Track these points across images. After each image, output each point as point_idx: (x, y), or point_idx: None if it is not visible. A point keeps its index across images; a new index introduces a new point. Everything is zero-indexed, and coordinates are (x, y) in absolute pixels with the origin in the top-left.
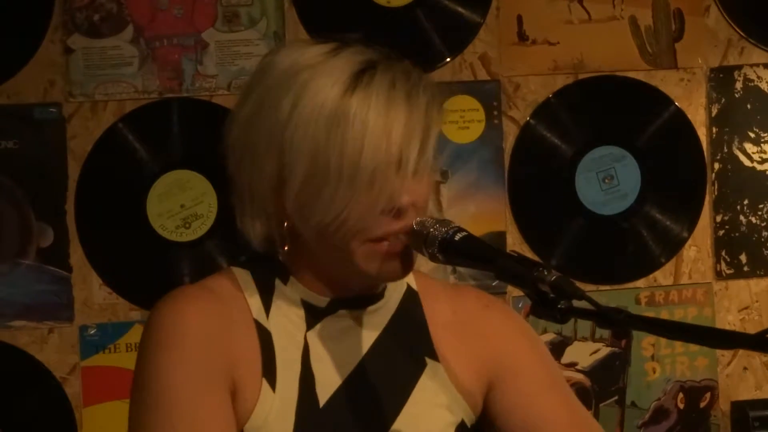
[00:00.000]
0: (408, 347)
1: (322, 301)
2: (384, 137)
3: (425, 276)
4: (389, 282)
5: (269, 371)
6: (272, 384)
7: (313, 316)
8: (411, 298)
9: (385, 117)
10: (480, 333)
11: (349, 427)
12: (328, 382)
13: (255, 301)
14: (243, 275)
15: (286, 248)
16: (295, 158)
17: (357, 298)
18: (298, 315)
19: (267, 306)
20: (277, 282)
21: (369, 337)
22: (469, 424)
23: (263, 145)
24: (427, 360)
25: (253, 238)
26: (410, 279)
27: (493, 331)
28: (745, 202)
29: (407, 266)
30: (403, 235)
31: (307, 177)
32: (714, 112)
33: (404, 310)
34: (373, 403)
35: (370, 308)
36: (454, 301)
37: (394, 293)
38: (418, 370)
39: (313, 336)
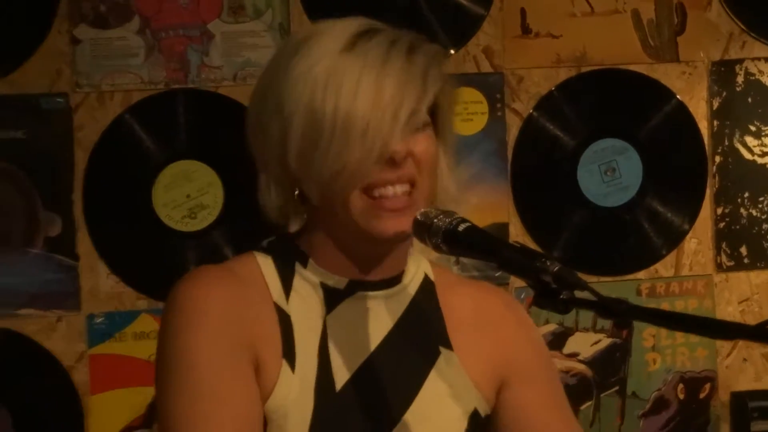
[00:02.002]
0: (423, 335)
1: (340, 282)
2: (377, 89)
3: (442, 268)
4: (382, 240)
5: (289, 353)
6: (291, 365)
7: (332, 298)
8: (427, 288)
9: (380, 69)
10: (497, 334)
11: (365, 410)
12: (344, 366)
13: (275, 285)
14: (264, 259)
15: (305, 216)
16: (294, 115)
17: (374, 282)
18: (318, 298)
19: (287, 290)
20: (297, 266)
21: (386, 323)
22: (482, 414)
23: (270, 109)
24: (441, 349)
25: (270, 211)
26: (427, 269)
27: (509, 335)
28: (746, 194)
29: (401, 224)
30: (401, 191)
31: (305, 130)
32: (715, 105)
33: (420, 299)
34: (388, 389)
35: (388, 292)
36: (478, 297)
37: (412, 282)
38: (432, 358)
39: (331, 319)
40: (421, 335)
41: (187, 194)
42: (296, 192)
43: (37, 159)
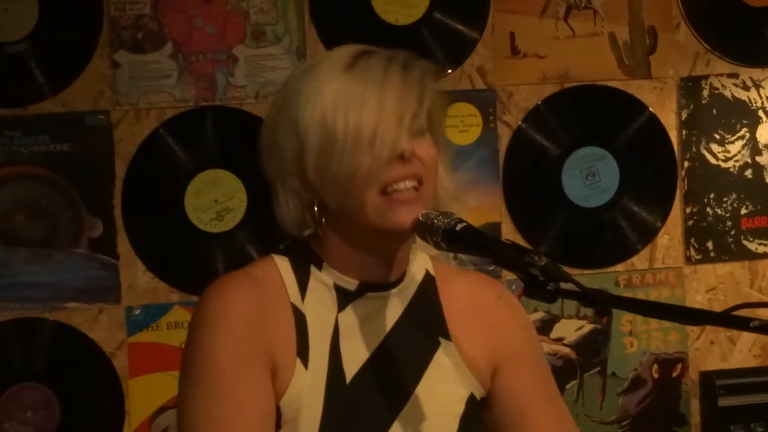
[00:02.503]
0: (425, 327)
1: (351, 284)
2: (380, 100)
3: (442, 263)
4: (398, 231)
5: (302, 350)
6: (305, 362)
7: (344, 299)
8: (429, 282)
9: (382, 83)
10: (490, 322)
11: (372, 400)
12: (354, 360)
13: (292, 286)
14: (282, 262)
15: (322, 229)
16: (309, 132)
17: (383, 284)
18: (331, 298)
19: (303, 290)
20: (312, 268)
21: (391, 318)
22: (479, 397)
23: (284, 130)
24: (441, 339)
25: (288, 223)
26: (428, 265)
27: (502, 322)
28: (712, 195)
29: (411, 212)
30: (410, 185)
31: (321, 144)
32: (684, 116)
33: (422, 293)
34: (393, 378)
35: (393, 291)
36: (470, 288)
37: (414, 277)
38: (433, 348)
39: (343, 317)
40: (423, 327)
41: (215, 199)
42: (315, 202)
43: (82, 169)
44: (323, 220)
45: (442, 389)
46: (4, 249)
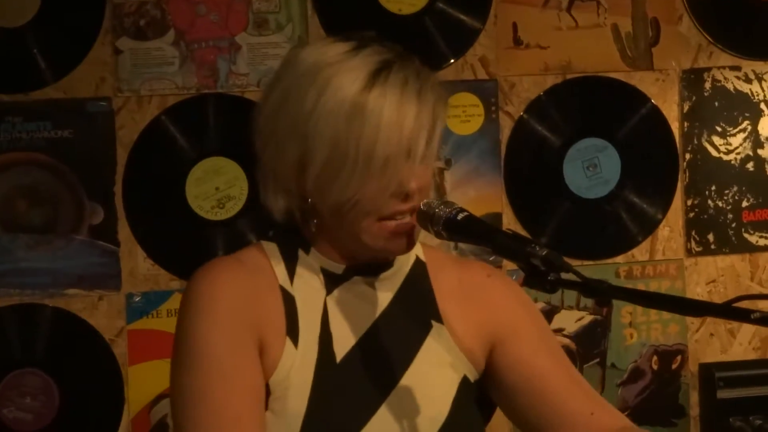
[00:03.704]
0: (416, 311)
1: (338, 268)
2: (396, 129)
3: (433, 248)
4: (394, 256)
5: (292, 330)
6: (295, 342)
7: (332, 282)
8: (419, 268)
9: (398, 112)
10: (483, 300)
11: (362, 381)
12: (344, 341)
13: (281, 270)
14: (270, 247)
15: (315, 221)
16: (317, 145)
17: (369, 266)
18: (319, 281)
19: (291, 274)
20: (300, 252)
21: (381, 301)
22: (472, 380)
23: (287, 132)
24: (433, 323)
25: (276, 212)
26: (419, 251)
27: (496, 298)
28: (713, 188)
29: (410, 244)
30: (409, 216)
31: (327, 162)
32: (685, 108)
33: (413, 278)
34: (384, 360)
35: (382, 276)
36: (461, 271)
37: (404, 263)
38: (425, 331)
39: (331, 300)
40: (415, 310)
41: (216, 187)
42: (309, 201)
43: (83, 156)
44: (313, 220)
45: (434, 372)
46: (4, 235)
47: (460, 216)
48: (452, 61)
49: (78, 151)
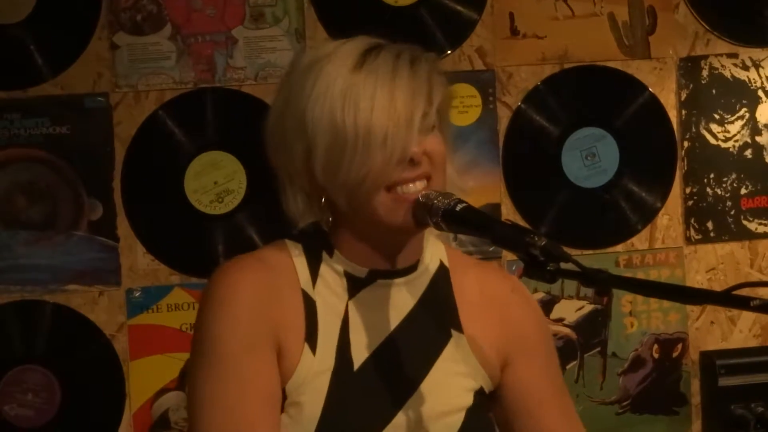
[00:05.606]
0: (436, 319)
1: (361, 271)
2: (390, 100)
3: (457, 252)
4: (409, 232)
5: (311, 337)
6: (313, 349)
7: (354, 286)
8: (442, 273)
9: (391, 83)
10: (503, 315)
11: (379, 389)
12: (362, 348)
13: (303, 272)
14: (294, 248)
15: (330, 219)
16: (318, 132)
17: (393, 271)
18: (341, 285)
19: (314, 277)
20: (324, 255)
21: (403, 307)
22: (487, 391)
23: (292, 131)
24: (453, 331)
25: (296, 217)
26: (443, 256)
27: (516, 316)
28: (711, 175)
29: (423, 217)
30: (420, 186)
31: (329, 146)
32: (683, 96)
33: (436, 284)
34: (401, 368)
35: (405, 279)
36: (484, 281)
37: (428, 268)
38: (444, 340)
39: (353, 305)
40: (435, 318)
41: (214, 181)
42: (323, 199)
43: (81, 151)
44: (331, 217)
45: (451, 382)
46: (4, 231)
47: (458, 207)
48: (449, 52)
49: (76, 147)
